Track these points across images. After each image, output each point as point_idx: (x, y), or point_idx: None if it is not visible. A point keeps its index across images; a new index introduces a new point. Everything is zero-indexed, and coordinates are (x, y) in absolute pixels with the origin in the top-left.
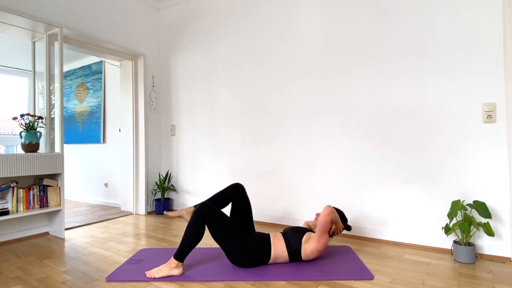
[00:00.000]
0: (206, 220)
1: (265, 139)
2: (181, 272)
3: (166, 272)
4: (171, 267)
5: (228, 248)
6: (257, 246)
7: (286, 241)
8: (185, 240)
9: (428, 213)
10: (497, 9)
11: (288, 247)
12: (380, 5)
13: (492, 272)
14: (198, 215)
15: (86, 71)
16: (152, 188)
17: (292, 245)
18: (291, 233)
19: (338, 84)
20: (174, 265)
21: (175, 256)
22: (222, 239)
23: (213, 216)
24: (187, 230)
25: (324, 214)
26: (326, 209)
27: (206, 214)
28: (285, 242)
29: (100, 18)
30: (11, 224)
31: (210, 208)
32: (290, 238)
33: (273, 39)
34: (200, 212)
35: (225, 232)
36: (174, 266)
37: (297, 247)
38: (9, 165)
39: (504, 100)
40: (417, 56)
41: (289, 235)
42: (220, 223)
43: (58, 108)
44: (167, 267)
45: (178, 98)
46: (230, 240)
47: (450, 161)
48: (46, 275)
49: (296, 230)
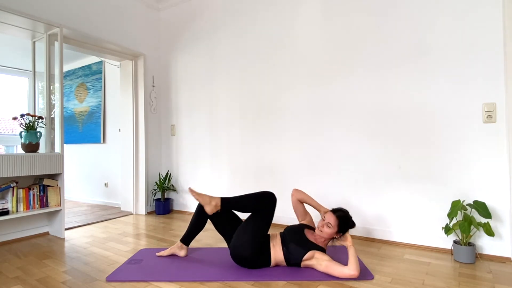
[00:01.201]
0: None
1: (266, 139)
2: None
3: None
4: (178, 247)
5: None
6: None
7: (284, 250)
8: (235, 200)
9: (428, 213)
10: (497, 9)
11: (286, 257)
12: (381, 6)
13: (492, 272)
14: (272, 199)
15: (86, 71)
16: (152, 188)
17: (291, 259)
18: (293, 245)
19: (338, 85)
20: (180, 246)
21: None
22: (252, 231)
23: (273, 210)
24: (244, 198)
25: (346, 275)
26: (351, 271)
27: (274, 204)
28: (283, 251)
29: (100, 18)
30: (11, 224)
31: (275, 202)
32: (291, 250)
33: (273, 39)
34: (273, 200)
35: (260, 227)
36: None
37: (296, 262)
38: (9, 165)
39: (504, 100)
40: (417, 56)
41: (290, 245)
42: (268, 218)
43: (58, 108)
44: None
45: (178, 98)
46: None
47: (450, 161)
48: (46, 275)
49: (299, 243)
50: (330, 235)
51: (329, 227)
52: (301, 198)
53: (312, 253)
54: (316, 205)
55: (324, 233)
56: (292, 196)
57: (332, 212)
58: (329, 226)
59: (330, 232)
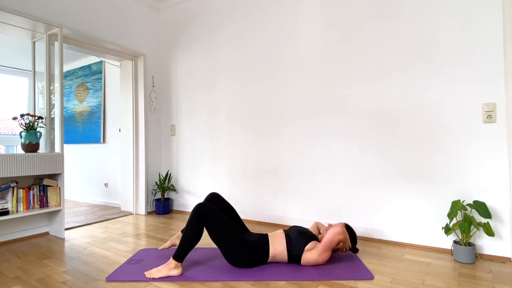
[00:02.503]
0: (205, 220)
1: (266, 139)
2: (180, 272)
3: (165, 273)
4: (170, 268)
5: (226, 248)
6: (254, 246)
7: (288, 242)
8: (184, 240)
9: (428, 213)
10: (497, 9)
11: (289, 249)
12: (382, 8)
13: (492, 272)
14: (197, 215)
15: (86, 71)
16: (152, 188)
17: (294, 250)
18: (296, 237)
19: (338, 86)
20: (173, 265)
21: (174, 257)
22: (221, 239)
23: (211, 216)
24: (185, 231)
25: (334, 233)
26: (337, 227)
27: (204, 214)
28: (286, 243)
29: (100, 18)
30: (11, 224)
31: (209, 208)
32: (294, 241)
33: (274, 39)
34: (199, 213)
35: (223, 233)
36: (173, 267)
37: (298, 253)
38: (9, 165)
39: (504, 100)
40: (418, 57)
41: (293, 237)
42: (218, 223)
43: (58, 108)
44: (167, 268)
45: (178, 98)
46: (229, 240)
47: (450, 161)
48: (46, 275)
49: (302, 235)
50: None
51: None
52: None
53: (314, 243)
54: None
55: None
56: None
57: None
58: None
59: (334, 229)
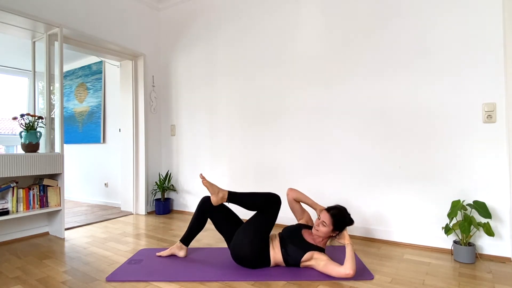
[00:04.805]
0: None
1: (266, 139)
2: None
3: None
4: (178, 247)
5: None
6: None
7: (283, 252)
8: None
9: (428, 213)
10: (497, 9)
11: (285, 259)
12: (381, 7)
13: (492, 272)
14: (278, 203)
15: (86, 71)
16: (152, 188)
17: (290, 260)
18: (291, 246)
19: (338, 86)
20: (179, 246)
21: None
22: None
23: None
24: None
25: (339, 275)
26: (343, 273)
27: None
28: (282, 253)
29: (100, 18)
30: (11, 224)
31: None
32: (290, 252)
33: (274, 39)
34: (277, 201)
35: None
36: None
37: (295, 263)
38: (9, 165)
39: (504, 100)
40: (417, 56)
41: (288, 247)
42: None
43: (58, 108)
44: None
45: (178, 98)
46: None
47: (450, 161)
48: (46, 275)
49: (297, 244)
50: (326, 234)
51: (324, 226)
52: (297, 197)
53: (311, 254)
54: (311, 203)
55: (320, 232)
56: (288, 195)
57: (326, 211)
58: (324, 225)
59: (325, 230)
